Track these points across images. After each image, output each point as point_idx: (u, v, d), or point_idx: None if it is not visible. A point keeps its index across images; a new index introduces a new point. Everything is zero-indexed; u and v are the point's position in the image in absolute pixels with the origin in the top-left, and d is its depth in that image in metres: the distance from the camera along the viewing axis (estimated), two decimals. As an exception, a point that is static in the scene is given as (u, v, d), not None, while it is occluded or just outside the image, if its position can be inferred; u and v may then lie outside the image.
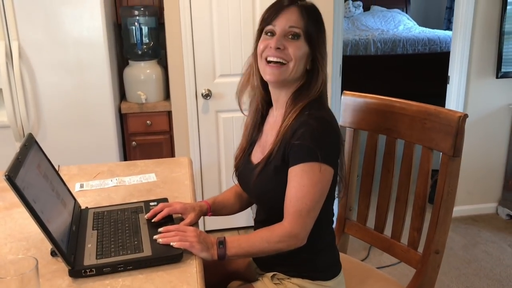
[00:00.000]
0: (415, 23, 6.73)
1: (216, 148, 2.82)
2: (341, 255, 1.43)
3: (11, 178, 0.96)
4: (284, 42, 1.22)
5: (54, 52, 2.43)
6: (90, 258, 1.09)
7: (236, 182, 1.43)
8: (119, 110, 2.72)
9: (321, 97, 1.25)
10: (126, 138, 2.78)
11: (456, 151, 1.30)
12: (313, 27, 1.22)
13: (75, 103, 2.52)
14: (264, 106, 1.36)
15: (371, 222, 1.61)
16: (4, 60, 2.37)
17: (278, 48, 1.21)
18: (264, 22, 1.25)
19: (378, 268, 2.59)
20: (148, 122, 2.74)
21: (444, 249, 1.40)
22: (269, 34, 1.24)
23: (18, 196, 0.97)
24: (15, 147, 2.50)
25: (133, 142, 2.77)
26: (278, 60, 1.21)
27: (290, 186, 1.18)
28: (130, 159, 2.79)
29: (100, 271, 1.06)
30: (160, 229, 1.20)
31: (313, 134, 1.16)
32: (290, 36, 1.22)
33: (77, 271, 1.05)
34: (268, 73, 1.24)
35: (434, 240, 1.37)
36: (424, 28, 6.38)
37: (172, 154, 2.82)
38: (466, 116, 1.29)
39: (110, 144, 2.62)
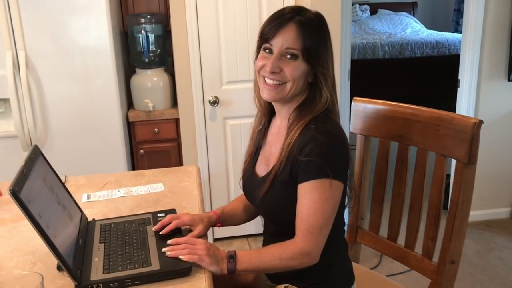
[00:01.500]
0: (422, 26, 6.68)
1: (224, 155, 2.80)
2: (354, 265, 1.39)
3: (15, 192, 0.94)
4: (281, 63, 1.18)
5: (61, 61, 2.43)
6: (97, 272, 1.07)
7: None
8: (127, 118, 2.71)
9: (327, 109, 1.21)
10: (133, 146, 2.77)
11: (471, 158, 1.27)
12: (313, 43, 1.17)
13: (83, 111, 2.51)
14: (267, 115, 1.34)
15: (383, 231, 1.58)
16: (11, 70, 2.36)
17: (274, 72, 1.19)
18: (262, 38, 1.22)
19: (390, 275, 2.55)
20: (155, 130, 2.73)
21: (460, 258, 1.36)
22: (267, 51, 1.21)
23: (22, 211, 0.95)
24: (23, 156, 2.47)
25: (141, 150, 2.75)
26: (275, 82, 1.20)
27: (301, 203, 1.15)
28: (138, 167, 2.77)
29: (107, 286, 1.04)
30: (169, 241, 1.18)
31: (321, 149, 1.13)
32: (288, 56, 1.18)
33: (83, 287, 1.03)
34: (265, 93, 1.22)
35: (449, 250, 1.33)
36: (432, 31, 6.33)
37: (180, 162, 2.80)
38: (481, 122, 1.25)
39: (117, 152, 2.61)
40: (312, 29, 1.18)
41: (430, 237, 1.40)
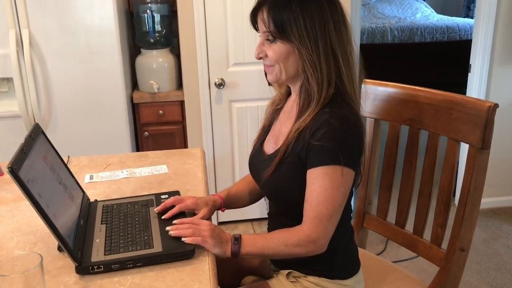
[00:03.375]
0: (432, 10, 6.57)
1: (230, 138, 2.76)
2: (360, 250, 1.36)
3: (14, 170, 0.91)
4: (265, 48, 1.16)
5: (65, 40, 2.39)
6: (98, 254, 1.04)
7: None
8: (131, 99, 2.67)
9: (344, 92, 1.15)
10: (138, 128, 2.73)
11: (485, 143, 1.23)
12: (282, 20, 1.10)
13: (87, 92, 2.48)
14: (287, 96, 1.30)
15: (391, 217, 1.54)
16: (15, 49, 2.33)
17: (261, 58, 1.18)
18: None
19: (395, 262, 2.53)
20: (160, 112, 2.69)
21: (470, 246, 1.32)
22: (259, 36, 1.19)
23: (21, 189, 0.92)
24: (27, 137, 2.46)
25: (146, 133, 2.72)
26: (267, 64, 1.19)
27: (311, 189, 1.11)
28: (142, 150, 2.74)
29: (108, 268, 1.01)
30: (174, 221, 1.15)
31: (335, 135, 1.08)
32: (268, 40, 1.15)
33: (84, 268, 1.01)
34: (266, 75, 1.22)
35: (459, 237, 1.30)
36: (442, 16, 6.23)
37: (184, 145, 2.77)
38: (496, 106, 1.21)
39: (122, 134, 2.58)
40: (280, 6, 1.11)
41: (440, 224, 1.37)
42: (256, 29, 1.18)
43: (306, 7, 1.10)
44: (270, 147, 1.27)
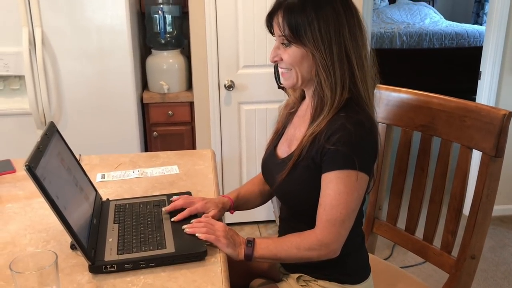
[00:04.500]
0: (441, 16, 6.56)
1: (238, 141, 2.77)
2: (369, 256, 1.36)
3: (31, 168, 0.92)
4: (279, 52, 1.17)
5: (76, 39, 2.40)
6: (111, 253, 1.05)
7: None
8: (141, 99, 2.68)
9: (359, 96, 1.15)
10: (147, 128, 2.74)
11: (498, 151, 1.22)
12: (296, 24, 1.10)
13: (97, 91, 2.49)
14: (301, 100, 1.31)
15: (401, 223, 1.54)
16: (27, 47, 2.34)
17: (276, 61, 1.18)
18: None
19: (402, 267, 2.52)
20: (169, 112, 2.70)
21: (481, 254, 1.32)
22: (275, 40, 1.20)
23: (38, 187, 0.93)
24: (37, 134, 2.48)
25: (154, 133, 2.73)
26: (283, 70, 1.19)
27: (325, 193, 1.11)
28: (151, 150, 2.75)
29: (121, 267, 1.02)
30: (192, 220, 1.16)
31: (350, 140, 1.08)
32: (283, 44, 1.16)
33: (97, 267, 1.01)
34: (277, 79, 1.21)
35: (470, 245, 1.30)
36: (451, 22, 6.22)
37: (193, 146, 2.78)
38: (511, 114, 1.21)
39: (131, 134, 2.59)
40: (295, 10, 1.11)
41: (450, 231, 1.37)
42: (272, 33, 1.19)
43: (321, 12, 1.10)
44: (283, 150, 1.27)
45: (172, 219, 1.19)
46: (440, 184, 1.40)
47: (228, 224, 2.93)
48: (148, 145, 2.77)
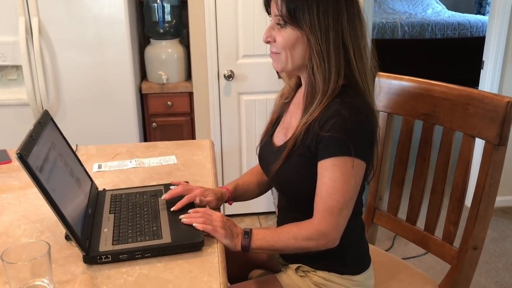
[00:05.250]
0: (444, 6, 6.50)
1: (238, 131, 2.74)
2: (370, 246, 1.34)
3: (23, 156, 0.89)
4: (274, 32, 1.14)
5: (74, 29, 2.37)
6: (106, 243, 1.03)
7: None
8: (140, 90, 2.66)
9: (356, 85, 1.12)
10: (146, 119, 2.72)
11: (502, 139, 1.20)
12: (294, 5, 1.08)
13: (95, 81, 2.46)
14: (295, 89, 1.28)
15: (402, 213, 1.52)
16: (24, 36, 2.31)
17: (269, 42, 1.15)
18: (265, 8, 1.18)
19: (403, 259, 2.51)
20: (168, 103, 2.67)
21: (483, 245, 1.30)
22: (271, 20, 1.17)
23: (30, 176, 0.91)
24: (34, 125, 2.45)
25: (153, 123, 2.70)
26: (274, 52, 1.16)
27: (321, 181, 1.09)
28: (150, 141, 2.73)
29: (116, 258, 1.00)
30: (190, 210, 1.14)
31: (345, 125, 1.06)
32: (278, 24, 1.12)
33: (92, 258, 0.99)
34: (272, 63, 1.19)
35: (472, 235, 1.27)
36: (453, 12, 6.16)
37: (192, 136, 2.75)
38: (515, 101, 1.18)
39: (130, 124, 2.56)
40: None
41: (452, 221, 1.35)
42: (269, 12, 1.16)
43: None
44: (279, 139, 1.24)
45: (172, 209, 1.17)
46: (442, 174, 1.38)
47: (228, 216, 2.91)
48: (147, 136, 2.75)
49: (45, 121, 1.12)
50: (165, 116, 2.71)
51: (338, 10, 1.09)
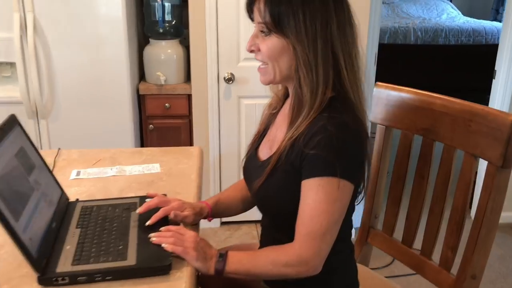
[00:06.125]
0: (459, 12, 6.34)
1: (237, 136, 2.65)
2: (361, 268, 1.25)
3: (-31, 168, 0.81)
4: (258, 41, 1.05)
5: (70, 26, 2.30)
6: (65, 263, 0.95)
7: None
8: (137, 91, 2.58)
9: (345, 97, 1.03)
10: (143, 121, 2.64)
11: (506, 161, 1.09)
12: (279, 11, 0.99)
13: (91, 80, 2.39)
14: (283, 100, 1.19)
15: (398, 234, 1.42)
16: (19, 33, 2.25)
17: (253, 51, 1.06)
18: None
19: (404, 276, 2.40)
20: (166, 104, 2.59)
21: (483, 274, 1.19)
22: (254, 27, 1.07)
23: (-23, 190, 0.83)
24: (28, 124, 2.39)
25: (150, 125, 2.63)
26: (261, 64, 1.07)
27: (304, 202, 1.00)
28: (147, 143, 2.65)
29: (74, 280, 0.92)
30: (161, 228, 1.05)
31: (331, 143, 0.96)
32: (262, 33, 1.04)
33: (47, 279, 0.91)
34: (259, 76, 1.11)
35: (471, 263, 1.17)
36: (469, 18, 6.00)
37: (190, 140, 2.67)
38: (521, 120, 1.07)
39: (125, 125, 2.49)
40: None
41: (451, 246, 1.24)
42: (252, 19, 1.07)
43: (309, 1, 0.98)
44: (264, 152, 1.16)
45: (146, 223, 1.08)
46: (441, 194, 1.28)
47: (225, 223, 2.84)
48: (143, 138, 2.67)
49: (9, 126, 1.05)
50: (162, 118, 2.63)
51: (327, 16, 1.00)
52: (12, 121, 1.07)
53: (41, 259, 0.93)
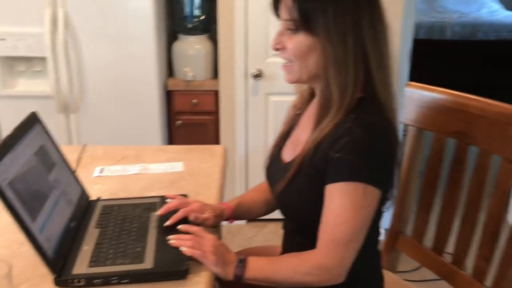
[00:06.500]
0: (501, 5, 6.10)
1: (264, 133, 2.62)
2: (388, 275, 1.20)
3: (-14, 167, 0.81)
4: (284, 39, 1.00)
5: (100, 22, 2.31)
6: (81, 265, 0.93)
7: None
8: (166, 86, 2.58)
9: (376, 94, 0.98)
10: (171, 117, 2.64)
11: (547, 169, 1.02)
12: (308, 8, 0.95)
13: (119, 76, 2.40)
14: (306, 102, 1.15)
15: (428, 240, 1.35)
16: (50, 28, 2.27)
17: (278, 49, 1.02)
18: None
19: (434, 280, 2.31)
20: (194, 101, 2.58)
21: (519, 287, 1.12)
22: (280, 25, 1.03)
23: (-8, 189, 0.82)
24: (57, 118, 2.43)
25: (178, 121, 2.62)
26: (286, 63, 1.03)
27: (328, 208, 0.96)
28: (174, 139, 2.65)
29: (90, 282, 0.90)
30: (179, 226, 1.03)
31: (357, 146, 0.92)
32: (288, 31, 0.99)
33: (63, 281, 0.90)
34: (284, 75, 1.06)
35: (507, 276, 1.10)
36: (510, 12, 5.76)
37: (217, 137, 2.65)
38: None
39: (154, 121, 2.49)
40: None
41: (484, 257, 1.17)
42: (278, 15, 1.03)
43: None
44: (288, 154, 1.12)
45: (165, 224, 1.06)
46: (475, 201, 1.21)
47: (251, 221, 2.81)
48: (171, 134, 2.67)
49: (30, 124, 1.04)
50: (190, 114, 2.62)
51: (358, 13, 0.95)
52: (33, 120, 1.07)
53: (57, 260, 0.92)
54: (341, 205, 0.93)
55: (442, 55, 5.01)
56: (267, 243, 2.33)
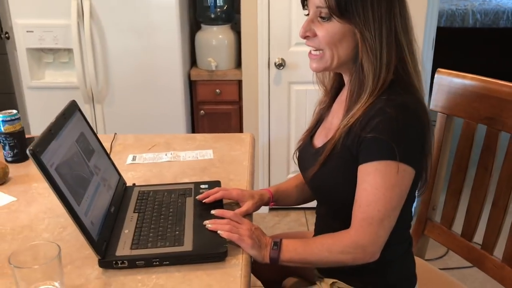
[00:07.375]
0: (523, -7, 5.98)
1: (287, 122, 2.63)
2: (418, 261, 1.21)
3: (36, 153, 0.84)
4: (314, 26, 1.00)
5: (124, 13, 2.34)
6: (124, 247, 0.97)
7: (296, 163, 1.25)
8: (189, 76, 2.60)
9: (408, 77, 1.00)
10: (194, 106, 2.67)
11: None
12: None
13: (144, 66, 2.43)
14: (330, 95, 1.16)
15: (457, 227, 1.36)
16: (76, 20, 2.31)
17: (307, 36, 1.02)
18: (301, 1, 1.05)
19: (458, 268, 2.32)
20: (217, 90, 2.60)
21: (551, 272, 1.13)
22: (306, 14, 1.03)
23: (42, 174, 0.86)
24: (84, 109, 2.46)
25: (201, 111, 2.65)
26: (314, 51, 1.03)
27: (361, 188, 0.97)
28: (198, 128, 2.68)
29: (133, 264, 0.94)
30: (213, 211, 1.06)
31: (389, 125, 0.93)
32: (319, 17, 0.99)
33: (107, 262, 0.93)
34: (310, 63, 1.06)
35: (538, 260, 1.11)
36: (533, -1, 5.66)
37: (240, 126, 2.67)
38: None
39: (177, 111, 2.52)
40: None
41: (515, 242, 1.18)
42: (304, 4, 1.04)
43: None
44: (320, 140, 1.13)
45: (205, 200, 1.12)
46: (505, 187, 1.21)
47: (273, 210, 2.83)
48: (194, 123, 2.70)
49: (70, 112, 1.08)
50: (213, 104, 2.65)
51: (391, 1, 0.97)
52: (73, 107, 1.10)
53: (101, 243, 0.95)
54: (374, 183, 0.95)
55: (463, 43, 4.95)
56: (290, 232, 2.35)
